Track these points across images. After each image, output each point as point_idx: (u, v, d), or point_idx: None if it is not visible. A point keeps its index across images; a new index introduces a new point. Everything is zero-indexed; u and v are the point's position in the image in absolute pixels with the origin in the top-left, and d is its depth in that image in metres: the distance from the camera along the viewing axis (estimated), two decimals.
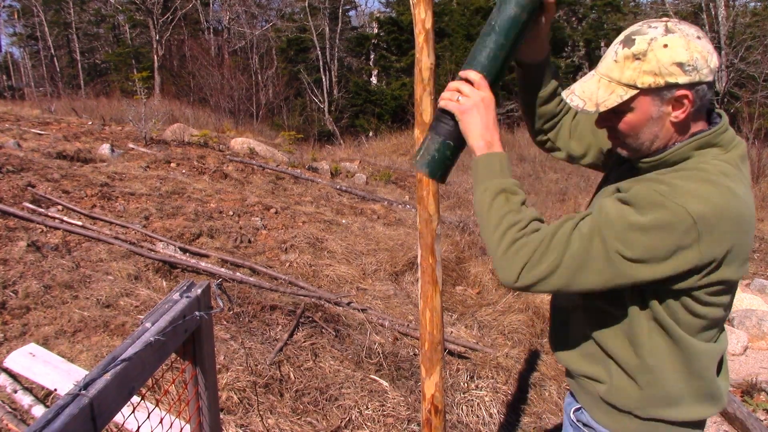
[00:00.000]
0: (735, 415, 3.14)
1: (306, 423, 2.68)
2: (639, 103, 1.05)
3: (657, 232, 0.98)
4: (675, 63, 1.00)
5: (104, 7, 30.09)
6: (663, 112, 1.04)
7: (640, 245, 0.99)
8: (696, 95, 1.02)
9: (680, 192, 0.99)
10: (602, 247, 1.02)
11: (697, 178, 1.02)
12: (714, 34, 21.60)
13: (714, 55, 1.03)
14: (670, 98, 1.03)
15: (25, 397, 2.53)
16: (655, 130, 1.07)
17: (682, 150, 1.07)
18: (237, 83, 17.99)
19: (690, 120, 1.07)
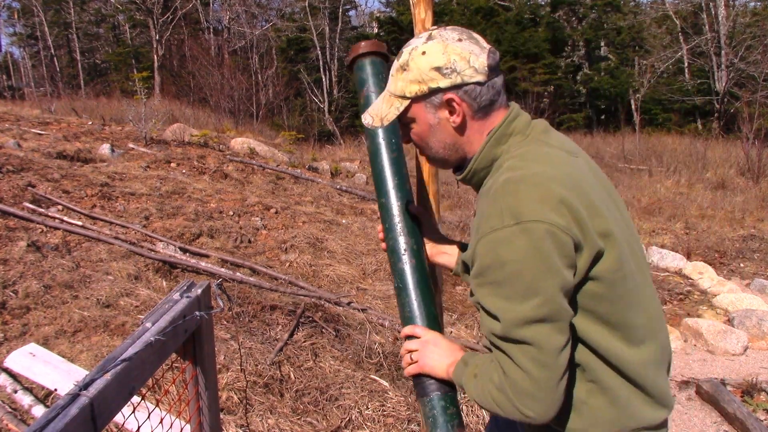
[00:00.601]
0: (735, 415, 3.14)
1: (306, 423, 2.68)
2: (415, 112, 1.07)
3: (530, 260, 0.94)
4: (433, 68, 1.02)
5: (104, 7, 30.10)
6: (440, 117, 1.06)
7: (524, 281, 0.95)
8: (466, 96, 1.03)
9: (510, 213, 0.95)
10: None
11: (513, 187, 0.97)
12: (714, 34, 21.61)
13: (482, 55, 1.03)
14: (440, 103, 1.05)
15: (25, 397, 2.53)
16: (441, 137, 1.08)
17: (484, 153, 1.07)
18: (237, 83, 17.99)
19: (472, 121, 1.06)
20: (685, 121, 23.25)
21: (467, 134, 1.08)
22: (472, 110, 1.05)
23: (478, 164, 1.08)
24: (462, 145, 1.09)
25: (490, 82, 1.04)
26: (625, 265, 1.01)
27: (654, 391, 1.07)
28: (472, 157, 1.09)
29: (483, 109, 1.06)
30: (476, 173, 1.09)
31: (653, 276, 5.81)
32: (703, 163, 12.58)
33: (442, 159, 1.12)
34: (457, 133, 1.08)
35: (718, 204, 9.13)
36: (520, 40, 22.88)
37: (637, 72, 24.04)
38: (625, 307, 1.02)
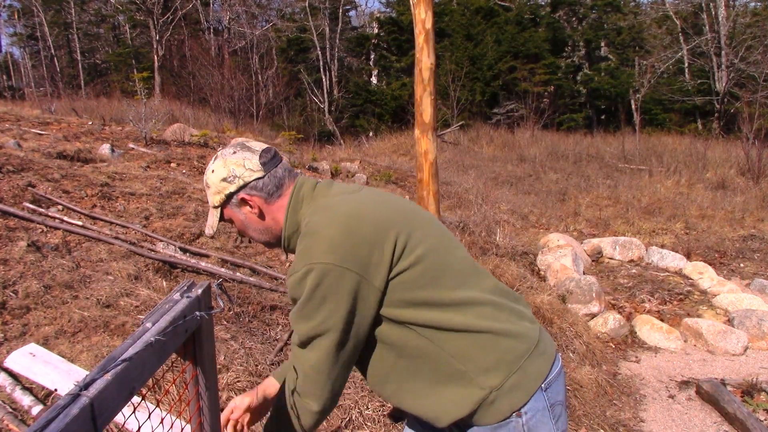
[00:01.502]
0: (735, 416, 3.14)
1: None
2: (228, 214, 1.37)
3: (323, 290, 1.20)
4: (221, 179, 1.31)
5: (104, 7, 30.10)
6: (245, 213, 1.35)
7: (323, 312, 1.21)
8: (253, 191, 1.31)
9: (306, 256, 1.21)
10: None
11: (308, 237, 1.23)
12: (714, 34, 21.61)
13: (254, 157, 1.31)
14: (238, 202, 1.33)
15: (25, 397, 2.53)
16: (253, 227, 1.36)
17: (288, 223, 1.33)
18: (237, 83, 17.98)
19: (268, 206, 1.33)
20: (686, 121, 23.25)
21: (270, 217, 1.35)
22: (264, 199, 1.32)
23: (287, 232, 1.34)
24: (272, 226, 1.36)
25: (269, 174, 1.32)
26: (421, 250, 1.24)
27: (502, 335, 1.25)
28: (278, 228, 1.36)
29: (273, 194, 1.33)
30: (290, 240, 1.35)
31: (653, 276, 5.81)
32: (703, 163, 12.59)
33: (266, 241, 1.40)
34: (261, 219, 1.35)
35: (718, 204, 9.13)
36: (520, 40, 22.88)
37: (638, 72, 24.03)
38: (433, 282, 1.24)
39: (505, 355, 1.23)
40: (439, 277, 1.24)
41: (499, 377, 1.21)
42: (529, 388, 1.23)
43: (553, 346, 1.36)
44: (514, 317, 1.30)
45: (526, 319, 1.33)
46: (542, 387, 1.25)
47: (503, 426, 1.21)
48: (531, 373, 1.24)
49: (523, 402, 1.21)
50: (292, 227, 1.32)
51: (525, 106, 20.47)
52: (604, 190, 10.53)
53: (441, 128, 16.88)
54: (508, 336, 1.25)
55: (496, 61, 22.79)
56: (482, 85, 22.71)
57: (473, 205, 7.96)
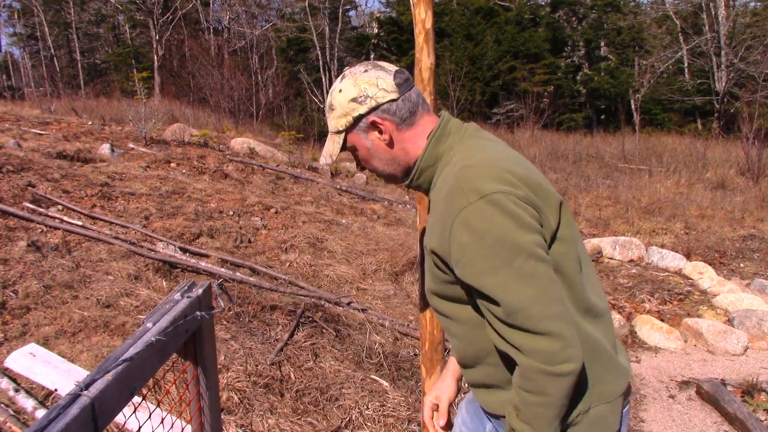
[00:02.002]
0: (735, 416, 3.14)
1: (306, 423, 2.68)
2: (352, 141, 1.21)
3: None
4: (350, 100, 1.17)
5: (104, 7, 30.10)
6: (371, 139, 1.20)
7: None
8: (385, 114, 1.17)
9: (472, 186, 1.04)
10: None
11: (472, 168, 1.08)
12: (714, 34, 21.61)
13: (388, 77, 1.17)
14: (366, 127, 1.18)
15: (27, 399, 2.53)
16: (379, 156, 1.22)
17: (428, 153, 1.18)
18: (237, 83, 17.99)
19: (400, 133, 1.19)
20: (685, 121, 23.26)
21: (399, 146, 1.20)
22: (396, 125, 1.18)
23: (424, 163, 1.19)
24: (400, 157, 1.21)
25: (403, 97, 1.17)
26: (576, 235, 1.14)
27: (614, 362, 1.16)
28: (416, 161, 1.21)
29: (406, 120, 1.18)
30: (423, 171, 1.20)
31: (653, 276, 5.81)
32: (703, 163, 12.58)
33: (390, 174, 1.25)
34: (389, 148, 1.20)
35: (718, 204, 9.13)
36: (520, 40, 22.88)
37: (637, 72, 24.03)
38: (582, 278, 1.13)
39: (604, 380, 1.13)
40: (579, 270, 1.12)
41: (590, 401, 1.11)
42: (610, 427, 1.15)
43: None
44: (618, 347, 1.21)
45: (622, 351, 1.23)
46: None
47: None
48: (615, 412, 1.16)
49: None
50: (430, 159, 1.18)
51: (525, 106, 20.46)
52: (604, 190, 10.53)
53: None
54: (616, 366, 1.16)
55: (496, 61, 22.79)
56: (482, 85, 22.71)
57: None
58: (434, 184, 1.19)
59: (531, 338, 1.00)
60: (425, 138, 1.20)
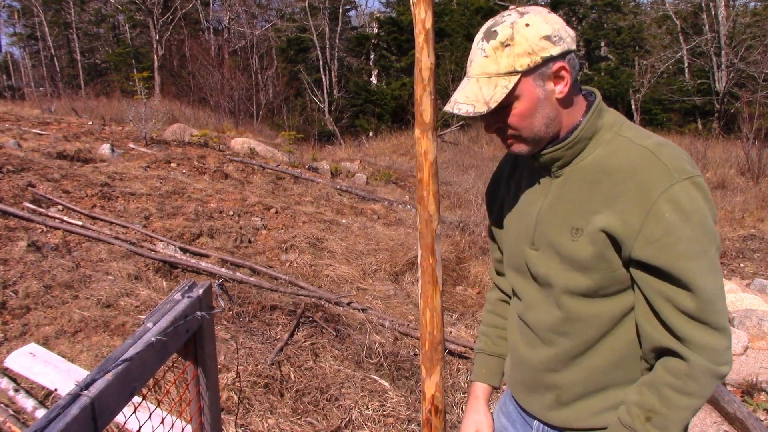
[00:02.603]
0: (735, 416, 3.14)
1: (306, 423, 2.68)
2: (523, 88, 1.01)
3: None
4: (542, 37, 0.98)
5: (104, 7, 30.10)
6: (547, 90, 1.02)
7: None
8: (570, 65, 1.01)
9: (676, 167, 0.97)
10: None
11: (668, 147, 1.01)
12: (714, 34, 21.60)
13: (568, 30, 1.02)
14: (550, 74, 1.00)
15: (26, 399, 2.54)
16: (546, 112, 1.03)
17: (590, 123, 1.05)
18: (237, 83, 17.99)
19: (572, 92, 1.04)
20: (685, 121, 23.25)
21: (569, 106, 1.05)
22: (572, 80, 1.02)
23: (584, 133, 1.04)
24: (560, 119, 1.05)
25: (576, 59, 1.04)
26: None
27: None
28: (570, 130, 1.05)
29: (577, 81, 1.05)
30: (578, 142, 1.05)
31: None
32: (703, 163, 12.57)
33: (540, 138, 1.05)
34: (560, 105, 1.03)
35: (718, 204, 9.12)
36: None
37: (638, 72, 24.03)
38: None
39: None
40: None
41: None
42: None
43: None
44: None
45: None
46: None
47: None
48: None
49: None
50: (589, 131, 1.04)
51: None
52: None
53: (441, 128, 16.88)
54: None
55: None
56: None
57: (473, 205, 7.96)
58: (579, 160, 1.06)
59: (708, 333, 0.94)
60: (582, 106, 1.06)
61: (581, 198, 1.03)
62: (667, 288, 0.96)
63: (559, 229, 1.06)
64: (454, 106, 1.04)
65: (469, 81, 1.04)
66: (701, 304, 0.93)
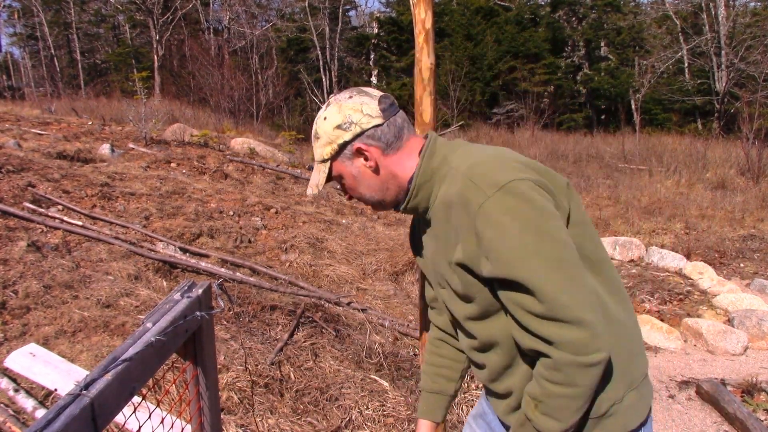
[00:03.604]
0: (735, 415, 3.14)
1: (306, 423, 2.68)
2: (338, 169, 1.19)
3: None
4: (335, 127, 1.15)
5: (104, 7, 30.10)
6: (357, 166, 1.17)
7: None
8: (371, 140, 1.15)
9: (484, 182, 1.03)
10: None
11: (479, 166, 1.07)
12: (714, 34, 21.61)
13: (372, 102, 1.15)
14: (352, 154, 1.16)
15: (26, 399, 2.54)
16: (366, 183, 1.19)
17: (423, 169, 1.15)
18: (237, 83, 17.99)
19: (386, 158, 1.17)
20: (685, 121, 23.26)
21: (386, 171, 1.18)
22: (381, 150, 1.15)
23: (420, 179, 1.16)
24: (388, 182, 1.19)
25: (388, 122, 1.16)
26: (586, 216, 1.14)
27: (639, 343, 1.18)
28: (409, 182, 1.18)
29: (391, 145, 1.16)
30: (420, 188, 1.16)
31: (653, 276, 5.81)
32: (703, 163, 12.58)
33: (379, 201, 1.22)
34: (376, 174, 1.18)
35: (718, 204, 9.13)
36: (520, 40, 22.89)
37: (637, 72, 24.04)
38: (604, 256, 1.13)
39: (631, 366, 1.13)
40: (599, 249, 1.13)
41: (622, 389, 1.11)
42: (641, 412, 1.14)
43: None
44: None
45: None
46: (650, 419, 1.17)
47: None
48: (645, 395, 1.16)
49: (634, 426, 1.13)
50: (426, 175, 1.15)
51: (525, 106, 20.48)
52: (604, 190, 10.53)
53: (441, 128, 16.89)
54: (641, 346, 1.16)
55: (496, 61, 22.80)
56: (482, 85, 22.72)
57: None
58: (433, 201, 1.17)
59: (562, 328, 0.98)
60: (414, 158, 1.18)
61: (446, 235, 1.13)
62: (515, 296, 1.02)
63: (444, 266, 1.17)
64: (308, 189, 1.26)
65: (314, 166, 1.26)
66: (547, 304, 0.98)
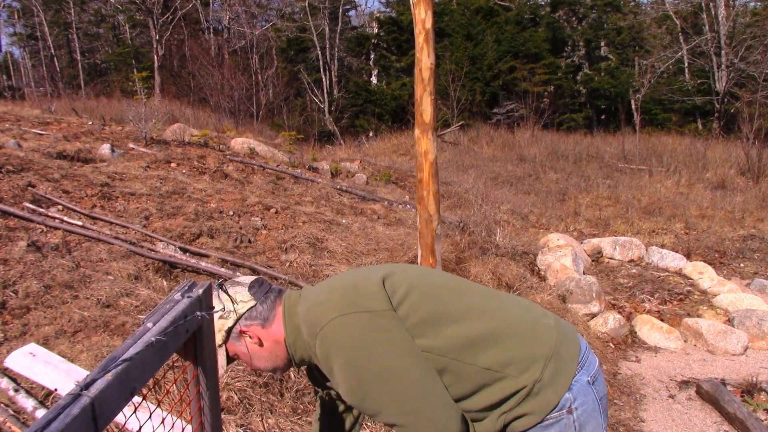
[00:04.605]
0: (735, 415, 3.14)
1: (306, 423, 2.68)
2: (232, 350, 1.36)
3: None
4: (219, 318, 1.32)
5: (104, 7, 30.09)
6: (247, 344, 1.35)
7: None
8: (249, 321, 1.34)
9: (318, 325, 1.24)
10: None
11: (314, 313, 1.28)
12: (714, 34, 21.61)
13: (243, 290, 1.36)
14: (237, 336, 1.35)
15: (26, 399, 2.53)
16: (258, 356, 1.37)
17: (287, 329, 1.33)
18: (237, 83, 17.98)
19: (266, 331, 1.35)
20: (685, 121, 23.26)
21: (270, 341, 1.35)
22: (261, 325, 1.34)
23: (289, 338, 1.33)
24: (275, 350, 1.36)
25: (261, 300, 1.35)
26: (407, 282, 1.30)
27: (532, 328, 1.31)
28: (284, 350, 1.36)
29: (268, 318, 1.35)
30: (293, 346, 1.34)
31: (653, 276, 5.81)
32: (703, 163, 12.58)
33: (274, 368, 1.40)
34: (261, 347, 1.35)
35: (718, 204, 9.13)
36: (520, 40, 22.88)
37: (637, 72, 24.03)
38: (435, 299, 1.30)
39: (535, 347, 1.24)
40: (437, 296, 1.29)
41: (538, 369, 1.22)
42: (568, 371, 1.25)
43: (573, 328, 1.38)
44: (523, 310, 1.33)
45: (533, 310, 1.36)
46: (589, 381, 1.27)
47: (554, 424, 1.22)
48: (565, 356, 1.26)
49: (566, 386, 1.23)
50: (292, 333, 1.34)
51: (525, 106, 20.47)
52: (604, 190, 10.53)
53: (441, 128, 16.88)
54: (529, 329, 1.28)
55: (496, 61, 22.79)
56: (482, 85, 22.71)
57: (473, 205, 7.96)
58: (312, 351, 1.31)
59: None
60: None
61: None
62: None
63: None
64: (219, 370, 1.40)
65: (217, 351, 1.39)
66: (384, 418, 1.21)
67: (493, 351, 1.23)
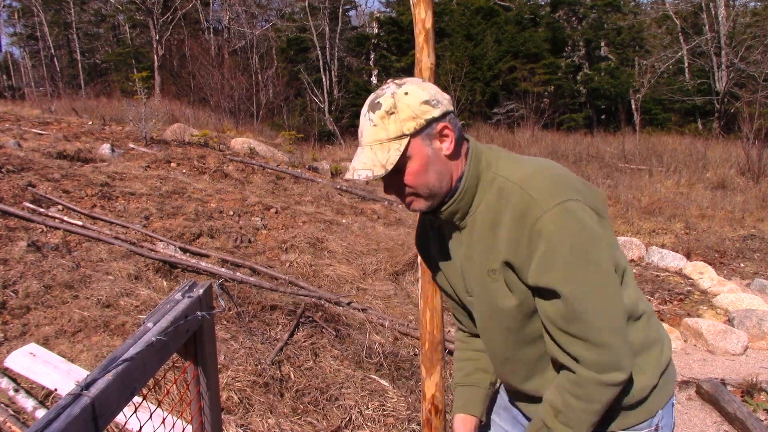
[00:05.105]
0: (735, 415, 3.14)
1: (306, 423, 2.68)
2: (413, 149, 1.10)
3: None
4: (422, 102, 1.09)
5: (104, 7, 30.08)
6: (435, 148, 1.12)
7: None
8: (452, 123, 1.12)
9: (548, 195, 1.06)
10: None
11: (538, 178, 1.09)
12: (714, 34, 21.60)
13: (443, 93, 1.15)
14: (435, 134, 1.11)
15: (27, 399, 2.54)
16: (437, 168, 1.12)
17: (471, 171, 1.14)
18: (237, 83, 17.98)
19: (458, 147, 1.14)
20: (685, 121, 23.26)
21: (456, 161, 1.15)
22: (456, 137, 1.13)
23: (468, 182, 1.14)
24: (451, 173, 1.15)
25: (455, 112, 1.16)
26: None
27: (663, 330, 1.27)
28: (458, 181, 1.15)
29: (461, 136, 1.16)
30: (467, 191, 1.15)
31: (653, 276, 5.81)
32: (703, 163, 12.58)
33: (434, 193, 1.14)
34: (449, 160, 1.14)
35: (718, 204, 9.12)
36: (520, 40, 22.88)
37: (638, 72, 24.03)
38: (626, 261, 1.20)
39: (662, 356, 1.20)
40: (629, 268, 1.19)
41: (657, 375, 1.18)
42: (668, 392, 1.21)
43: None
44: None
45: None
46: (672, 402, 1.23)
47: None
48: (671, 376, 1.23)
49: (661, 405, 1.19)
50: (474, 178, 1.14)
51: (525, 106, 20.46)
52: (604, 190, 10.53)
53: None
54: (663, 331, 1.25)
55: (496, 61, 22.79)
56: (482, 85, 22.71)
57: None
58: (475, 207, 1.15)
59: (590, 349, 1.05)
60: (464, 156, 1.16)
61: (487, 243, 1.13)
62: (551, 310, 1.07)
63: (480, 274, 1.16)
64: (354, 174, 1.12)
65: (363, 149, 1.12)
66: (580, 325, 1.04)
67: (643, 332, 1.17)
